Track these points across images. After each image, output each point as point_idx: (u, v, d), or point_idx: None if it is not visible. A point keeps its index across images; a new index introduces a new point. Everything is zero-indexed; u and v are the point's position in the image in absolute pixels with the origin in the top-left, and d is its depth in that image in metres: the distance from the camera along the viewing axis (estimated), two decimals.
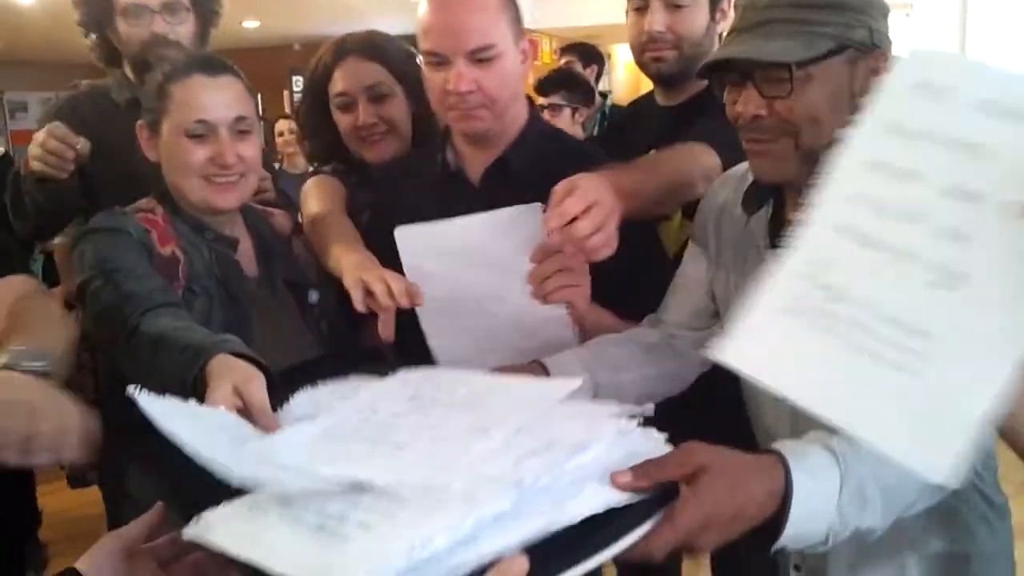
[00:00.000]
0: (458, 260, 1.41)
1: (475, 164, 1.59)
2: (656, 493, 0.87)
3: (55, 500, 3.49)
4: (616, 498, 0.83)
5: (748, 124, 1.23)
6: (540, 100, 3.71)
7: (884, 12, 1.22)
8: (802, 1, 1.18)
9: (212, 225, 1.57)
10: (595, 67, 4.70)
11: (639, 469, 0.86)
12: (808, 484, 0.95)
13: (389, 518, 0.75)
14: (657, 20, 1.84)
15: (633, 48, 1.92)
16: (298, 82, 9.41)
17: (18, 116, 10.73)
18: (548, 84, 3.79)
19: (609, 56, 4.41)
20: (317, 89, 1.92)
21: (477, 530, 0.72)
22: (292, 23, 9.58)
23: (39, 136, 1.86)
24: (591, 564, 0.78)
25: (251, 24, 9.55)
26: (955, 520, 1.24)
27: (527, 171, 1.53)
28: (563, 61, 4.77)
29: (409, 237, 1.43)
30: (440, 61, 1.46)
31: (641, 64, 1.92)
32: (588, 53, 4.74)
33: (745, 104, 1.22)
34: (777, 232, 1.30)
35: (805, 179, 1.16)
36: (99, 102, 2.09)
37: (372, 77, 1.85)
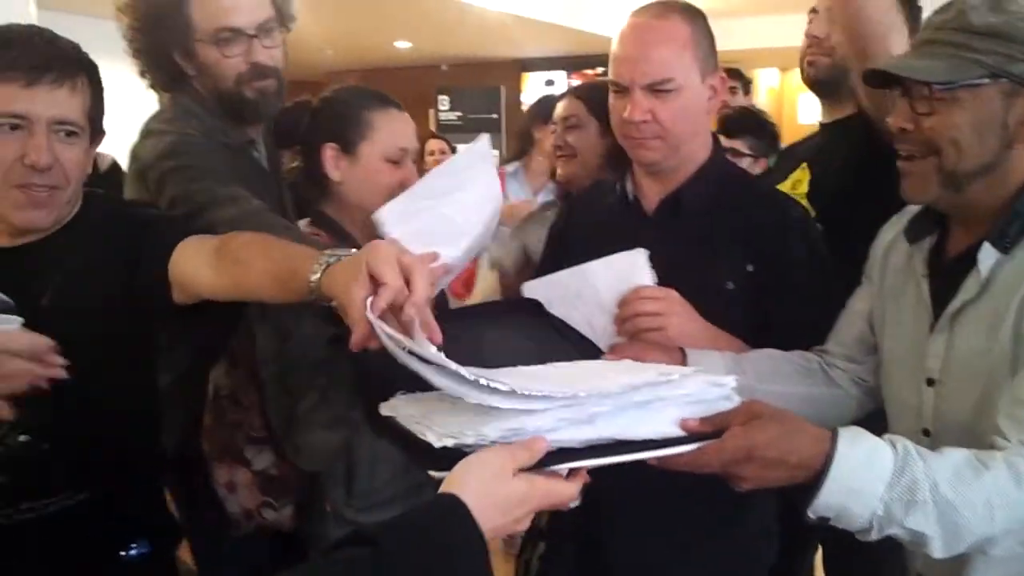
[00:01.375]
0: (572, 303, 1.53)
1: (651, 195, 1.64)
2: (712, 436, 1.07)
3: None
4: (677, 432, 1.05)
5: (897, 137, 1.29)
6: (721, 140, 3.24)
7: None
8: (968, 26, 1.21)
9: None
10: (750, 96, 4.81)
11: (707, 418, 1.08)
12: (853, 460, 1.05)
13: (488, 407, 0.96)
14: (816, 26, 2.12)
15: (800, 59, 2.19)
16: (443, 101, 8.87)
17: None
18: (734, 126, 3.33)
19: (751, 81, 4.45)
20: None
21: (557, 424, 0.97)
22: (442, 44, 8.79)
23: None
24: (635, 457, 1.02)
25: (403, 44, 8.55)
26: None
27: (701, 208, 1.59)
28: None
29: (536, 290, 1.59)
30: (620, 90, 1.54)
31: (801, 71, 2.20)
32: (746, 81, 4.67)
33: (896, 116, 1.28)
34: (937, 264, 1.35)
35: (950, 204, 1.28)
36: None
37: (568, 110, 2.30)
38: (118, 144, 1.93)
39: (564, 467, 0.99)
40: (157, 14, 1.72)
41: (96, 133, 1.49)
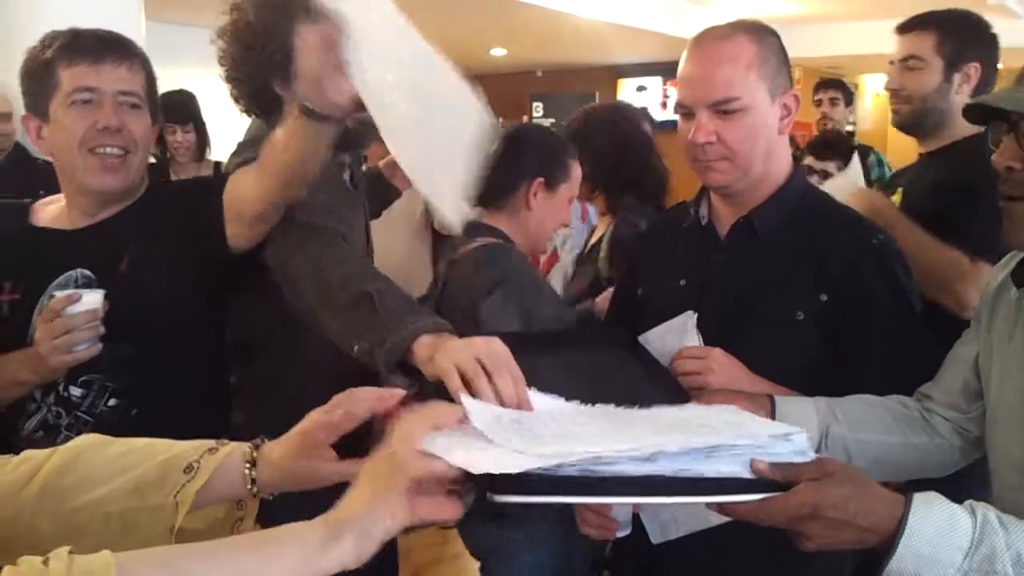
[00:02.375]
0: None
1: (724, 219, 1.58)
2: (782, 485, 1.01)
3: None
4: (746, 474, 0.99)
5: (1003, 176, 1.19)
6: (809, 161, 3.48)
7: None
8: None
9: None
10: (851, 108, 4.69)
11: (778, 465, 1.01)
12: (929, 526, 1.00)
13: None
14: (894, 78, 2.25)
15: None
16: (538, 108, 8.90)
17: None
18: (823, 148, 3.33)
19: (856, 87, 4.28)
20: None
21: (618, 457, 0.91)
22: (537, 52, 8.87)
23: None
24: (693, 500, 1.01)
25: (498, 52, 8.69)
26: None
27: (775, 233, 1.52)
28: (827, 99, 4.60)
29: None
30: (686, 112, 1.49)
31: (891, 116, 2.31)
32: (848, 92, 4.56)
33: (1001, 154, 1.18)
34: None
35: None
36: None
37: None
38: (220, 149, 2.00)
39: (627, 502, 0.99)
40: (261, 44, 1.71)
41: (155, 115, 1.69)
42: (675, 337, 1.52)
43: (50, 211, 1.69)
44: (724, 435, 1.01)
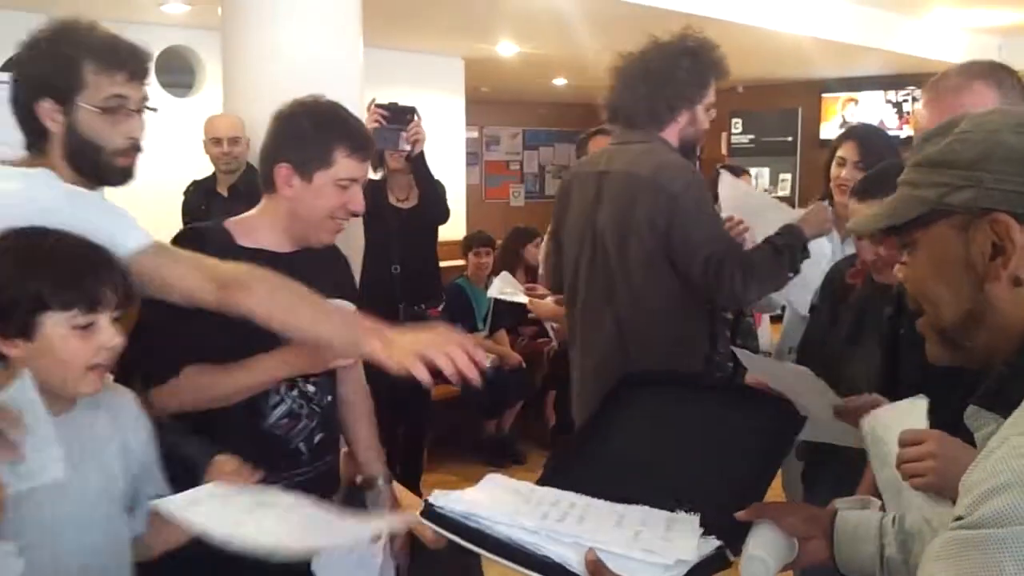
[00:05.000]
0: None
1: None
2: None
3: None
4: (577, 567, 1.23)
5: None
6: None
7: (1013, 162, 0.96)
8: (919, 159, 1.05)
9: None
10: None
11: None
12: None
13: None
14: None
15: None
16: (737, 124, 8.95)
17: (492, 148, 12.87)
18: None
19: None
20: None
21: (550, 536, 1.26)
22: (737, 67, 8.30)
23: None
24: (519, 569, 1.24)
25: None
26: None
27: None
28: None
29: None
30: None
31: None
32: None
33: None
34: None
35: (975, 365, 1.03)
36: None
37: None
38: None
39: (478, 551, 1.28)
40: None
41: None
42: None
43: (253, 235, 1.89)
44: (617, 540, 1.26)
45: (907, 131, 8.69)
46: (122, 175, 1.73)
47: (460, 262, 5.67)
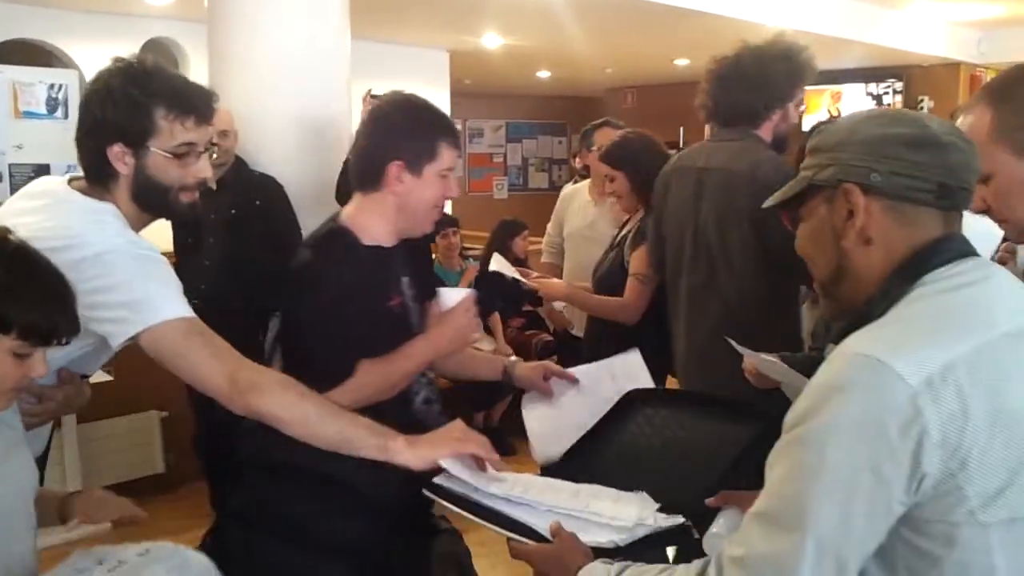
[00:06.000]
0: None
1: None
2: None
3: None
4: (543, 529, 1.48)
5: None
6: None
7: (868, 143, 1.19)
8: (808, 148, 1.29)
9: None
10: None
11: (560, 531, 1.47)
12: None
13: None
14: None
15: None
16: None
17: (475, 140, 12.89)
18: None
19: None
20: None
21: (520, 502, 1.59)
22: None
23: None
24: (495, 529, 1.54)
25: (681, 62, 8.50)
26: None
27: None
28: None
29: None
30: None
31: None
32: None
33: None
34: None
35: (837, 315, 1.31)
36: None
37: None
38: None
39: (467, 515, 1.58)
40: None
41: None
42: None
43: (367, 233, 1.98)
44: (573, 505, 1.57)
45: None
46: (188, 210, 1.77)
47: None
